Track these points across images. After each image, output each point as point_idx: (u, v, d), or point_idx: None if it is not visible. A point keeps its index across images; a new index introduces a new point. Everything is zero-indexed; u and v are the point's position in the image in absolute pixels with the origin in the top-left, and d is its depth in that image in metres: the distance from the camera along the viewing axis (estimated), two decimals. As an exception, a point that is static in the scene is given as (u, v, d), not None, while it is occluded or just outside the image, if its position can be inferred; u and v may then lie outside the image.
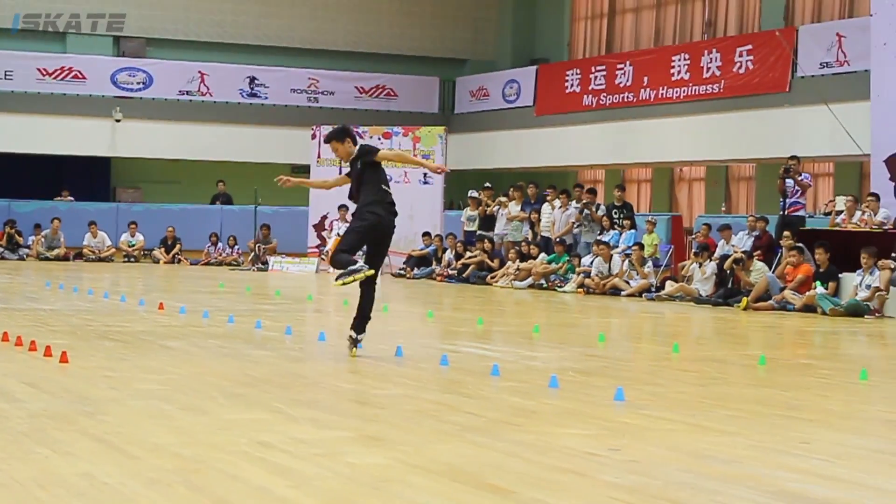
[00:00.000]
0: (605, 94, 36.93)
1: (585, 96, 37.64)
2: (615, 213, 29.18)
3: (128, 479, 6.84)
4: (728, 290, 24.46)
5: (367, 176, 13.45)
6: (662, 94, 35.01)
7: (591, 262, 27.61)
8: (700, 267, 25.40)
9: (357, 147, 13.61)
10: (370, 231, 13.51)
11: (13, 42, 39.87)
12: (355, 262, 12.95)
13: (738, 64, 32.77)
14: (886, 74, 26.03)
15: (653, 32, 38.95)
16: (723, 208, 36.19)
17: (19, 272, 29.34)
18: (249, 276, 30.36)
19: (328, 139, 13.78)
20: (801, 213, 26.46)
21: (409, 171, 34.34)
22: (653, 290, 25.94)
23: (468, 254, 31.24)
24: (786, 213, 25.77)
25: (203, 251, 36.26)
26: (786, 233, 24.67)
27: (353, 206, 34.42)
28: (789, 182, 25.93)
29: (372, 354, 13.55)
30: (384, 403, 10.08)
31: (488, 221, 32.10)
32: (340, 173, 14.59)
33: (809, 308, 22.62)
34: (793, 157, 26.46)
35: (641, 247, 27.01)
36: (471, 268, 30.61)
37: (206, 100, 41.20)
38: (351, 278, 12.78)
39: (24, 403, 9.42)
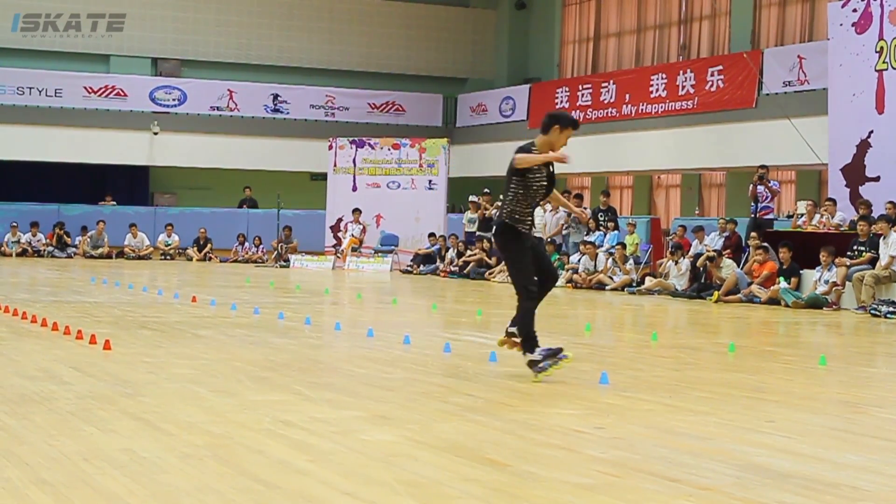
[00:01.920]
0: (591, 110, 36.89)
1: (573, 111, 37.57)
2: (601, 216, 29.18)
3: (163, 453, 6.84)
4: (701, 284, 24.45)
5: (549, 191, 11.13)
6: (642, 109, 34.99)
7: (579, 260, 27.61)
8: (675, 264, 25.38)
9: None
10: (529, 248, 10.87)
11: (62, 63, 39.87)
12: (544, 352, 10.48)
13: (710, 83, 32.75)
14: (842, 92, 26.02)
15: (633, 54, 38.92)
16: (696, 212, 36.16)
17: (67, 269, 29.33)
18: (273, 273, 30.33)
19: (576, 126, 11.49)
20: (770, 216, 26.48)
21: (416, 178, 34.35)
22: (634, 284, 25.92)
23: (469, 252, 31.22)
24: (757, 216, 25.78)
25: (231, 250, 36.26)
26: (753, 233, 24.66)
27: (367, 210, 34.42)
28: (761, 188, 25.94)
29: (382, 342, 13.54)
30: (393, 386, 10.06)
31: (487, 223, 32.06)
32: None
33: (774, 301, 22.61)
34: (763, 166, 26.44)
35: (624, 246, 27.00)
36: (471, 265, 30.59)
37: (234, 115, 41.21)
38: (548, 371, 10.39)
39: (71, 386, 9.42)
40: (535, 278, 10.85)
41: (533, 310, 10.73)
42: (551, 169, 11.07)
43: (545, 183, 10.87)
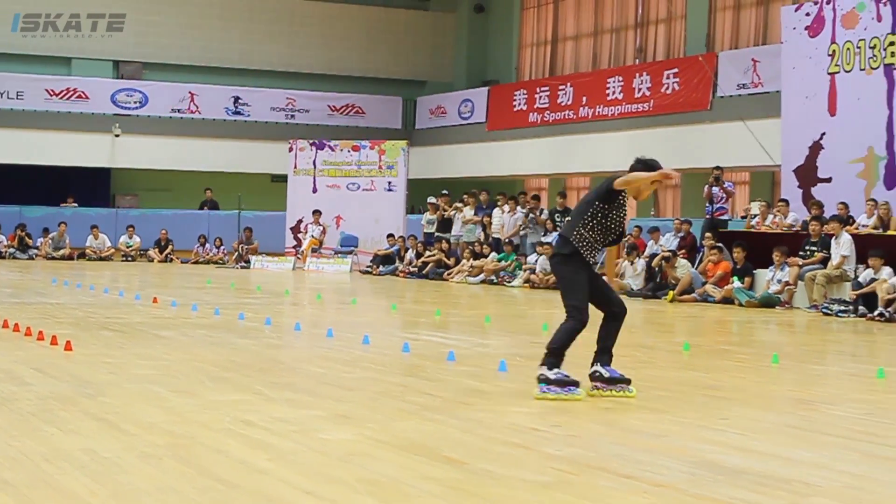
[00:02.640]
0: (548, 112, 36.96)
1: (531, 114, 37.66)
2: (557, 216, 29.23)
3: (124, 453, 6.83)
4: (656, 284, 24.54)
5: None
6: (599, 111, 35.06)
7: (536, 261, 27.65)
8: (631, 265, 25.46)
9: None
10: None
11: (24, 66, 39.66)
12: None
13: (666, 85, 32.85)
14: (795, 95, 26.16)
15: (590, 57, 38.99)
16: (652, 212, 36.25)
17: (29, 270, 29.19)
18: (233, 274, 30.27)
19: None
20: (725, 217, 26.60)
21: (375, 180, 34.36)
22: (590, 284, 25.95)
23: (427, 253, 31.23)
24: (712, 216, 25.87)
25: (193, 251, 36.14)
26: (707, 233, 24.76)
27: (327, 211, 34.40)
28: (716, 189, 26.05)
29: (342, 342, 13.54)
30: (353, 386, 10.07)
31: (445, 224, 32.13)
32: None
33: (728, 300, 22.72)
34: (717, 168, 26.55)
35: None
36: (430, 265, 30.61)
37: (196, 117, 41.08)
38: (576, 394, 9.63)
39: (32, 387, 9.38)
40: (591, 305, 10.06)
41: (574, 331, 9.95)
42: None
43: (624, 223, 10.01)
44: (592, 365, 10.11)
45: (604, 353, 10.16)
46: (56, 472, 6.32)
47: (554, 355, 9.82)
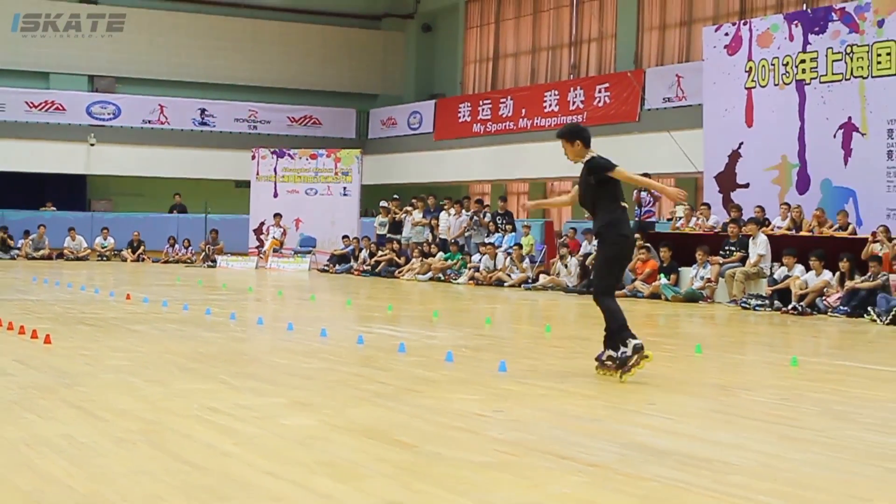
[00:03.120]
0: (490, 123, 37.00)
1: (475, 124, 37.69)
2: (499, 219, 29.29)
3: (100, 438, 6.79)
4: (590, 281, 24.58)
5: (602, 192, 10.81)
6: (537, 122, 35.12)
7: (480, 259, 27.68)
8: (566, 267, 25.54)
9: (588, 157, 10.96)
10: (624, 259, 11.25)
11: (5, 80, 39.37)
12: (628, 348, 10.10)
13: (598, 99, 32.96)
14: (715, 108, 26.30)
15: (529, 73, 39.08)
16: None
17: (10, 269, 28.94)
18: (201, 272, 30.12)
19: (559, 135, 11.31)
20: (652, 219, 26.70)
21: (331, 185, 34.32)
22: (530, 281, 26.03)
23: (380, 253, 31.18)
24: (640, 219, 25.97)
25: (163, 251, 35.92)
26: (637, 235, 24.83)
27: (287, 215, 34.31)
28: (644, 194, 26.15)
29: (301, 335, 13.50)
30: (311, 375, 10.04)
31: (396, 226, 32.10)
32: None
33: (655, 295, 22.82)
34: (645, 174, 26.59)
35: (520, 247, 27.10)
36: (382, 264, 30.56)
37: (165, 127, 40.87)
38: (634, 369, 9.97)
39: (14, 377, 9.31)
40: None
41: (617, 308, 10.67)
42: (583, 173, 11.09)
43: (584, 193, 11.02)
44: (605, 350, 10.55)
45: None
46: (36, 456, 6.27)
47: (619, 332, 10.40)
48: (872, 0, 23.31)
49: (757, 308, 20.43)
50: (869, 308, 18.64)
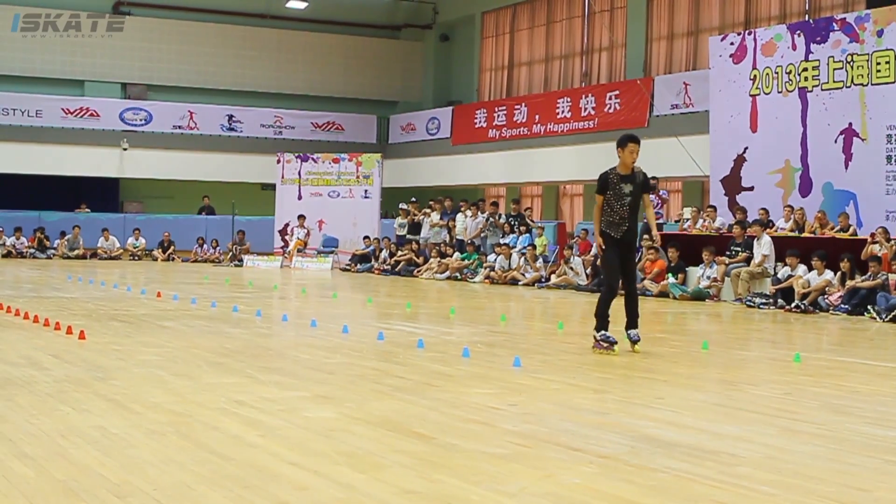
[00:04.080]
0: (505, 129, 36.96)
1: (490, 130, 37.66)
2: (512, 220, 29.28)
3: (131, 430, 6.80)
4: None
5: (638, 201, 12.01)
6: (550, 128, 35.09)
7: (495, 259, 27.66)
8: (572, 269, 25.52)
9: (640, 170, 12.29)
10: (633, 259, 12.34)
11: (42, 87, 39.49)
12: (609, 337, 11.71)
13: (608, 105, 32.91)
14: (721, 114, 26.26)
15: (542, 81, 39.04)
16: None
17: (47, 268, 29.03)
18: (228, 271, 30.17)
19: (636, 140, 12.43)
20: (660, 220, 26.63)
21: (353, 188, 34.37)
22: (543, 280, 26.01)
23: (399, 253, 31.18)
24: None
25: (192, 251, 36.01)
26: (646, 236, 24.79)
27: (310, 216, 34.26)
28: (652, 197, 26.07)
29: (324, 331, 13.51)
30: (333, 370, 10.04)
31: (415, 227, 32.11)
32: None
33: (663, 294, 22.78)
34: (653, 178, 26.57)
35: (534, 247, 27.08)
36: (401, 264, 30.56)
37: (194, 133, 40.92)
38: (611, 351, 11.55)
39: (49, 371, 9.33)
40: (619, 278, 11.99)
41: (606, 299, 11.88)
42: (639, 181, 12.29)
43: (629, 198, 11.96)
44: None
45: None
46: (71, 446, 6.29)
47: (597, 319, 11.86)
48: (872, 11, 23.28)
49: (761, 306, 20.39)
50: (869, 306, 18.60)
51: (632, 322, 12.11)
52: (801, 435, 7.24)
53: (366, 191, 34.38)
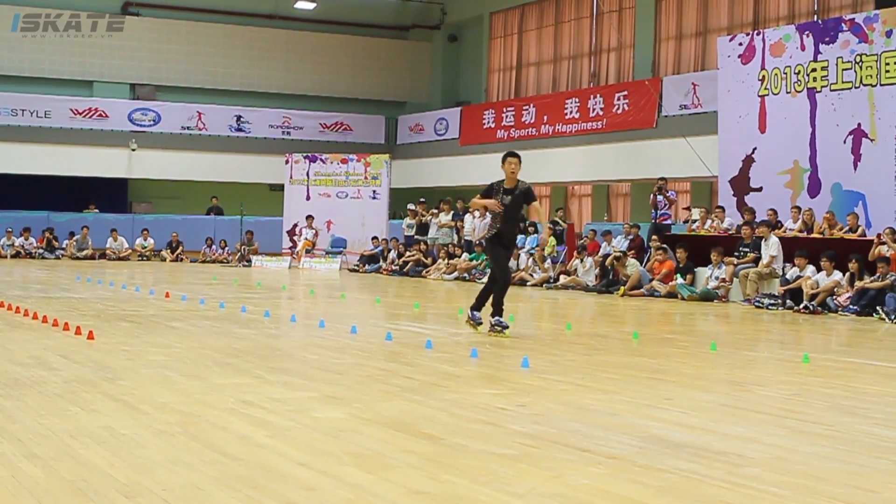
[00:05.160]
0: (514, 129, 36.96)
1: (499, 130, 37.66)
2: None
3: (140, 430, 6.81)
4: (609, 280, 24.55)
5: (516, 212, 13.97)
6: (558, 129, 35.08)
7: (503, 260, 27.62)
8: (581, 262, 25.57)
9: (523, 183, 14.04)
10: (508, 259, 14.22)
11: (51, 88, 39.56)
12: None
13: (617, 106, 32.89)
14: (729, 114, 26.23)
15: (551, 81, 39.04)
16: (605, 217, 36.31)
17: (56, 269, 29.07)
18: (236, 272, 30.20)
19: (515, 155, 14.17)
20: (668, 221, 26.63)
21: (361, 189, 34.37)
22: (551, 281, 26.00)
23: (408, 253, 31.20)
24: (657, 221, 25.92)
25: (200, 252, 36.06)
26: (654, 237, 24.82)
27: (319, 217, 34.35)
28: (660, 198, 26.10)
29: (332, 332, 13.51)
30: (342, 370, 10.05)
31: (423, 228, 32.11)
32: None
33: (672, 295, 22.76)
34: (661, 178, 26.62)
35: (542, 248, 27.08)
36: (410, 264, 30.58)
37: (203, 133, 40.97)
38: (503, 335, 13.24)
39: (59, 371, 9.35)
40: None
41: (489, 288, 13.75)
42: (518, 193, 13.89)
43: (507, 207, 13.73)
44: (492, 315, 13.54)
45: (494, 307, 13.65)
46: (80, 446, 6.30)
47: (477, 299, 13.81)
48: (881, 11, 23.24)
49: (770, 307, 20.37)
50: (878, 307, 18.59)
51: (498, 310, 13.58)
52: (809, 436, 7.24)
53: (374, 191, 34.40)
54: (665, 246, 24.16)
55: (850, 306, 19.20)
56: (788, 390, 9.53)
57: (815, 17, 28.91)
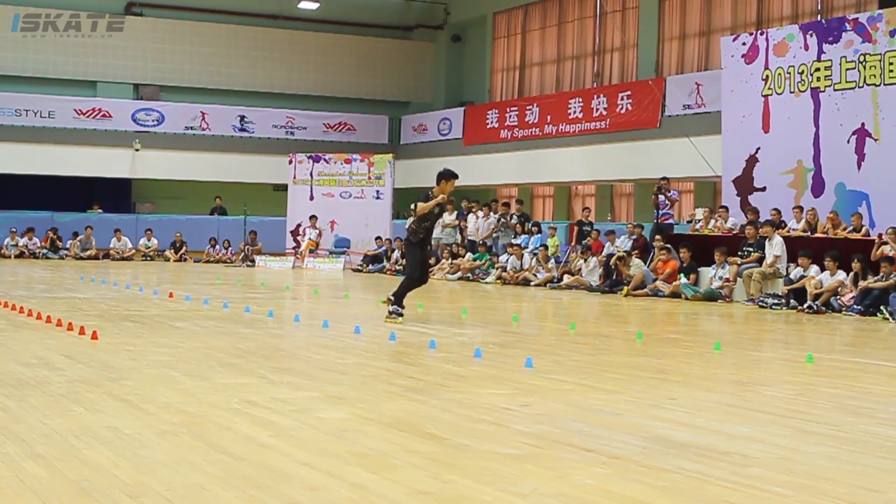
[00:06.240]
0: (517, 129, 36.96)
1: (502, 131, 37.65)
2: (512, 218, 29.39)
3: (144, 430, 6.80)
4: (613, 280, 24.54)
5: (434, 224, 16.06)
6: (562, 129, 35.07)
7: (507, 260, 27.65)
8: (585, 262, 25.55)
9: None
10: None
11: (55, 88, 39.59)
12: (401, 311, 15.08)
13: (620, 106, 32.88)
14: (733, 114, 26.22)
15: (554, 81, 39.04)
16: (608, 217, 36.28)
17: (60, 269, 29.08)
18: (240, 272, 30.20)
19: (456, 176, 16.34)
20: (670, 221, 26.61)
21: (365, 188, 34.37)
22: (555, 281, 26.00)
23: (411, 253, 31.18)
24: (659, 221, 25.91)
25: (204, 252, 36.07)
26: (657, 236, 24.79)
27: (322, 217, 34.47)
28: (661, 197, 26.09)
29: (336, 332, 13.51)
30: (345, 370, 10.05)
31: (427, 228, 32.08)
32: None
33: (675, 295, 22.75)
34: (664, 178, 26.61)
35: (546, 248, 27.07)
36: (413, 264, 30.56)
37: (206, 133, 40.97)
38: (398, 321, 14.79)
39: (63, 371, 9.35)
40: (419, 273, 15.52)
41: (410, 287, 15.39)
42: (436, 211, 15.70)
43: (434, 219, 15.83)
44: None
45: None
46: (84, 446, 6.29)
47: (397, 297, 15.12)
48: (885, 11, 23.24)
49: (773, 307, 20.36)
50: (882, 307, 18.58)
51: (399, 300, 15.18)
52: (813, 436, 7.23)
53: (378, 191, 34.42)
54: (669, 246, 24.17)
55: (854, 306, 19.20)
56: (793, 390, 9.52)
57: (819, 16, 28.89)
